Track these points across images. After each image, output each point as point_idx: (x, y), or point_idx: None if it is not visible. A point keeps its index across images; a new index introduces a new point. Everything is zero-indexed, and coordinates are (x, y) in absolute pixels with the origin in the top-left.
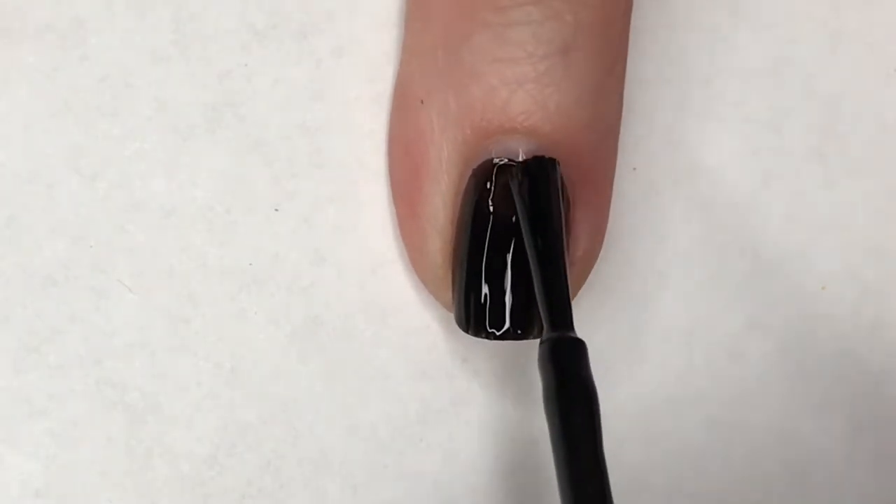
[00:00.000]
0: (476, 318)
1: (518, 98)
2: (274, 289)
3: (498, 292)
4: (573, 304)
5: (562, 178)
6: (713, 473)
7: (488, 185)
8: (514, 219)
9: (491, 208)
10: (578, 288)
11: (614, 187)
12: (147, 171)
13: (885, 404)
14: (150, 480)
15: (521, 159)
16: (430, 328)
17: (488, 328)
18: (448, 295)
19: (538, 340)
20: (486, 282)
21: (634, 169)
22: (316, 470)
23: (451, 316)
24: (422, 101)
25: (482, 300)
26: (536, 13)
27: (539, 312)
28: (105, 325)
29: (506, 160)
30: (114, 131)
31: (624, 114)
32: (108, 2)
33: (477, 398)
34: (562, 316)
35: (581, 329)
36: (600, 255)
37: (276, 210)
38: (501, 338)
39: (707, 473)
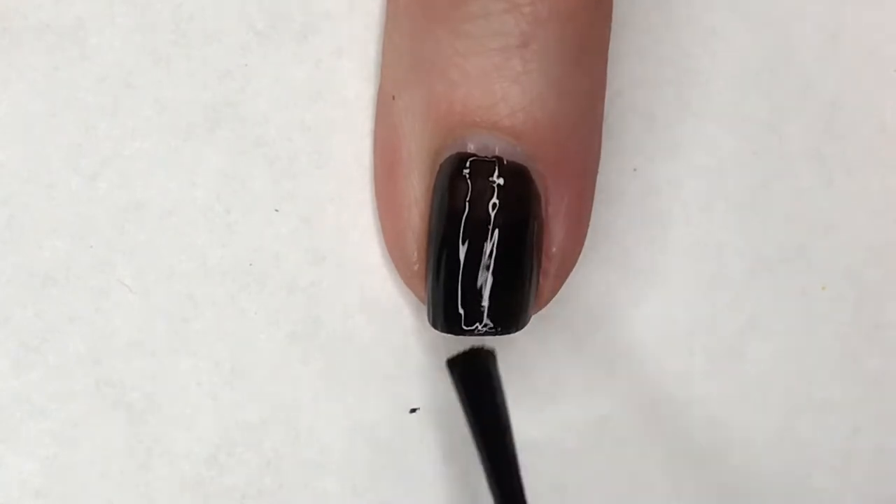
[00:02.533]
0: (446, 315)
1: (477, 93)
2: (274, 289)
3: (469, 289)
4: (572, 306)
5: (532, 172)
6: (713, 473)
7: (457, 180)
8: (485, 213)
9: (461, 203)
10: (561, 282)
11: (614, 187)
12: (147, 171)
13: (885, 404)
14: (150, 480)
15: (486, 154)
16: (429, 328)
17: (459, 326)
18: (423, 291)
19: (539, 340)
20: (457, 277)
21: (635, 169)
22: (316, 470)
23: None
24: (393, 98)
25: (453, 297)
26: (493, 6)
27: (515, 307)
28: (105, 325)
29: (474, 155)
30: (114, 131)
31: (624, 114)
32: (108, 2)
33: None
34: None
35: (581, 329)
36: (600, 255)
37: (276, 210)
38: (470, 334)
39: (707, 473)
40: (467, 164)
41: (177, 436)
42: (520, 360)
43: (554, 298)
